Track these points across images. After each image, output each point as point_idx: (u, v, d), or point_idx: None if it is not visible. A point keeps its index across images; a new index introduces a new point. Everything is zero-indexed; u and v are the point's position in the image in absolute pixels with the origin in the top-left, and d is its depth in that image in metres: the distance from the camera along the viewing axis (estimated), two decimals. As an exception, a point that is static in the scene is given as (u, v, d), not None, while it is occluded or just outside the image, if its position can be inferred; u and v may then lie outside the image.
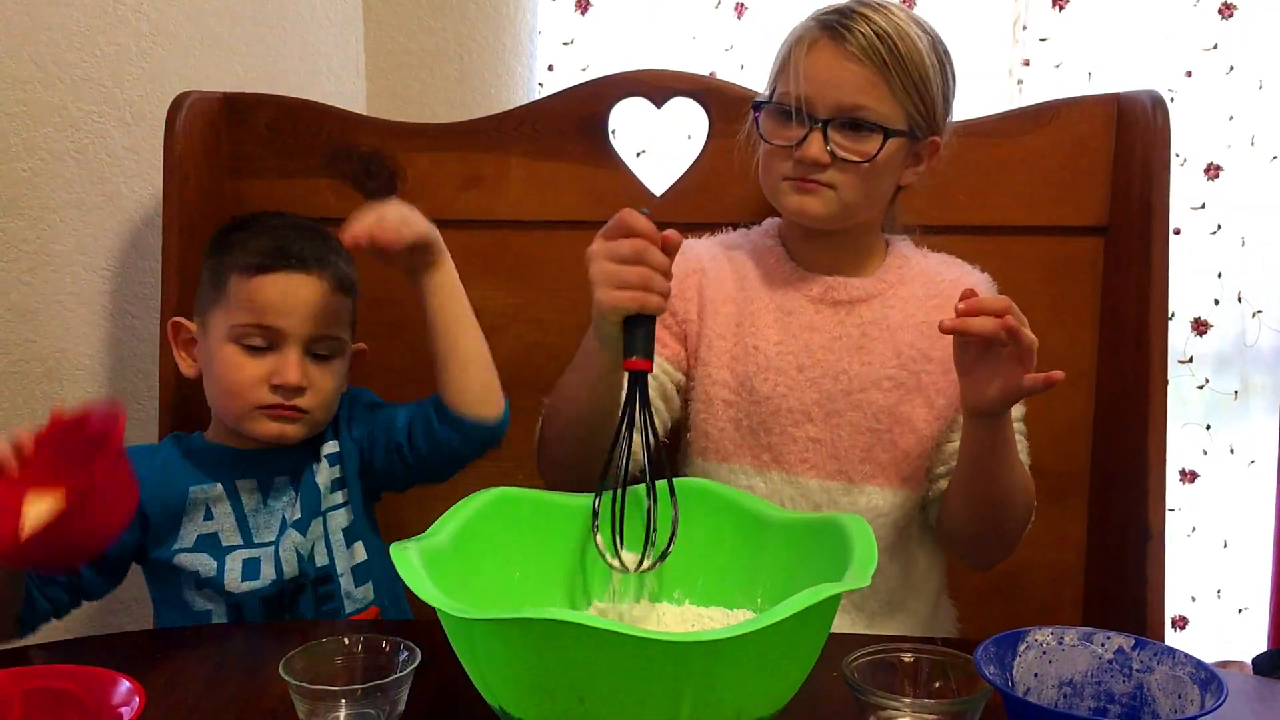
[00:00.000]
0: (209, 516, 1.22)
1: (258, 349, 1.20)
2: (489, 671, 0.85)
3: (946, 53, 1.25)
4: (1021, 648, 0.92)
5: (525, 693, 0.83)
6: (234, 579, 1.20)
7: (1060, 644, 0.93)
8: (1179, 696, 0.87)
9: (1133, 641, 0.91)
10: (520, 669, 0.83)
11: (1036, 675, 0.92)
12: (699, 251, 1.35)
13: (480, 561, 1.01)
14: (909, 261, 1.33)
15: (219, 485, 1.23)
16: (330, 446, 1.27)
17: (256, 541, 1.22)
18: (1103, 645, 0.92)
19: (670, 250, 1.05)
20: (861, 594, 1.28)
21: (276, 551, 1.22)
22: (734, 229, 1.40)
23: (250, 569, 1.21)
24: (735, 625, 0.80)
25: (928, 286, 1.30)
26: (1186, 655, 0.88)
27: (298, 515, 1.23)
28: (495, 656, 0.84)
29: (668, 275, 1.05)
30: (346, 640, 0.94)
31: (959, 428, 1.23)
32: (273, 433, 1.21)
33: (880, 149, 1.20)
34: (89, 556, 1.05)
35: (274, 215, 1.30)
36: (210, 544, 1.22)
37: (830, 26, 1.20)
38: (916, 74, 1.20)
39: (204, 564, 1.21)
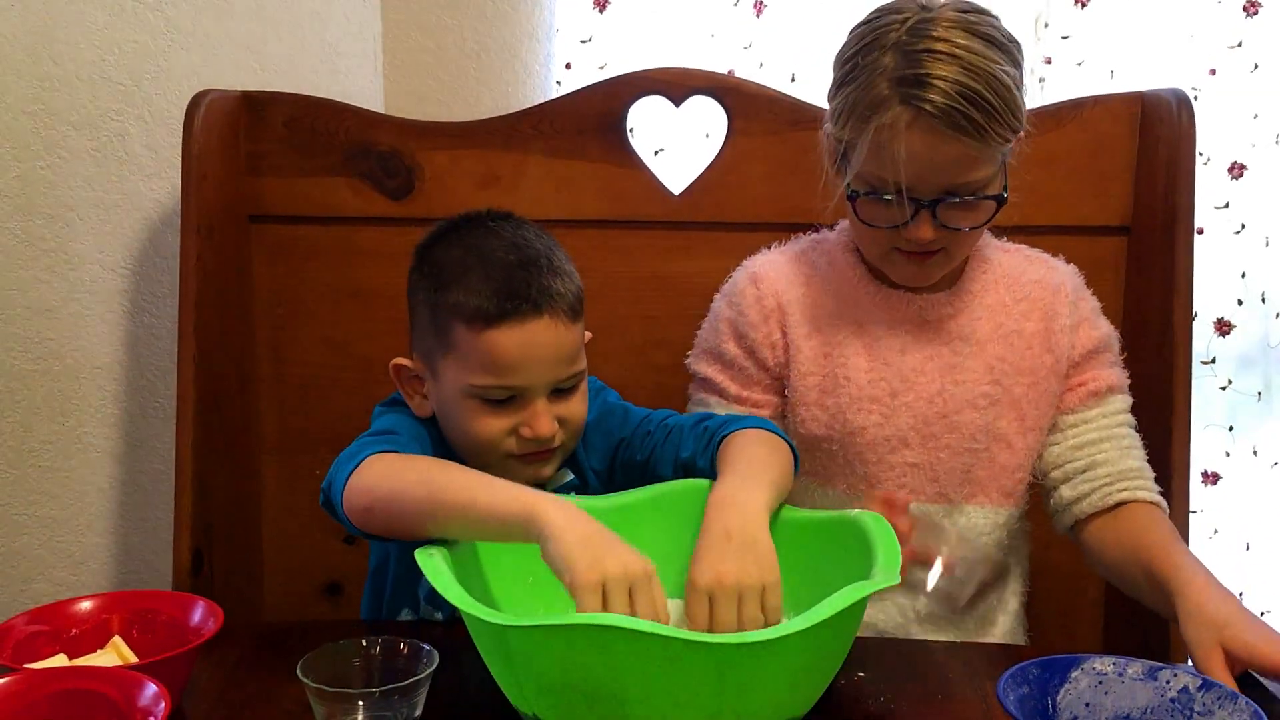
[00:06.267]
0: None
1: (500, 402, 1.09)
2: (524, 679, 0.84)
3: (1015, 45, 1.15)
4: (1075, 674, 0.90)
5: (564, 698, 0.83)
6: None
7: (1121, 676, 0.90)
8: None
9: (1199, 682, 0.88)
10: (561, 675, 0.82)
11: (1088, 705, 0.89)
12: (772, 280, 1.26)
13: (498, 566, 1.01)
14: (989, 264, 1.27)
15: None
16: (562, 476, 1.18)
17: None
18: (1168, 683, 0.89)
19: None
20: (957, 609, 1.26)
21: None
22: (752, 233, 1.38)
23: None
24: (779, 626, 0.81)
25: (1012, 290, 1.25)
26: (1248, 702, 0.85)
27: None
28: (533, 664, 0.83)
29: None
30: (364, 642, 0.93)
31: (1059, 428, 1.24)
32: (527, 478, 1.10)
33: (993, 215, 1.16)
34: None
35: (476, 225, 1.14)
36: None
37: (914, 102, 1.08)
38: (1008, 114, 1.10)
39: None
